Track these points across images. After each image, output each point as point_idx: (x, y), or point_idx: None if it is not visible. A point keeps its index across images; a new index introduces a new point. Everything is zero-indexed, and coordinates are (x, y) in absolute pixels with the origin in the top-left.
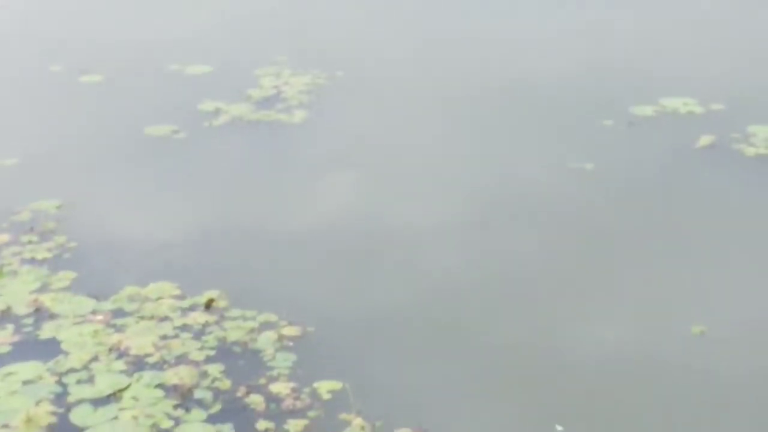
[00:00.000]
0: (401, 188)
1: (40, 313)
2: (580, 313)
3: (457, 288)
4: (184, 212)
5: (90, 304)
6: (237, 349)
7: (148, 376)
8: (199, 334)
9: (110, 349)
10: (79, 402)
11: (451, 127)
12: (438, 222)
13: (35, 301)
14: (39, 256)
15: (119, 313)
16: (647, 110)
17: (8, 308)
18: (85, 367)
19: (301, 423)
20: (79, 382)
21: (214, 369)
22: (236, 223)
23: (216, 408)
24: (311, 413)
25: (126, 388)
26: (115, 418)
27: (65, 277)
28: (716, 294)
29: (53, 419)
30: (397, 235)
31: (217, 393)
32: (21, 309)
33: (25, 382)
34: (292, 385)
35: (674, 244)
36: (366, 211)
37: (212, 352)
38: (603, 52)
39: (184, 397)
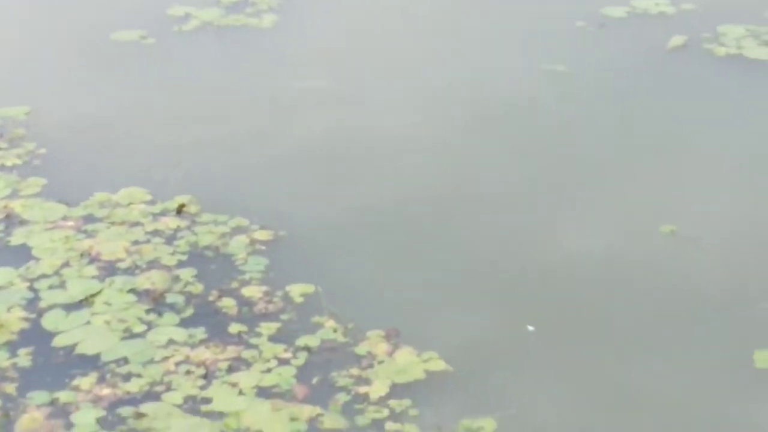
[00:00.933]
0: (373, 93)
1: (11, 220)
2: (552, 218)
3: (430, 194)
4: (154, 118)
5: (60, 210)
6: (209, 253)
7: (119, 281)
8: (170, 239)
9: (81, 255)
10: (51, 307)
11: (423, 31)
12: (412, 127)
13: (5, 207)
14: (8, 163)
15: (90, 218)
16: (619, 11)
17: None
18: (57, 273)
19: (274, 326)
20: (50, 287)
21: (186, 273)
22: (207, 129)
23: (188, 312)
24: (284, 316)
25: (98, 294)
26: (88, 323)
27: (35, 183)
28: (686, 194)
29: (25, 324)
30: (369, 141)
31: (189, 297)
32: None
33: None
34: (264, 288)
35: (644, 144)
36: (338, 115)
37: (184, 257)
38: None
39: (156, 302)
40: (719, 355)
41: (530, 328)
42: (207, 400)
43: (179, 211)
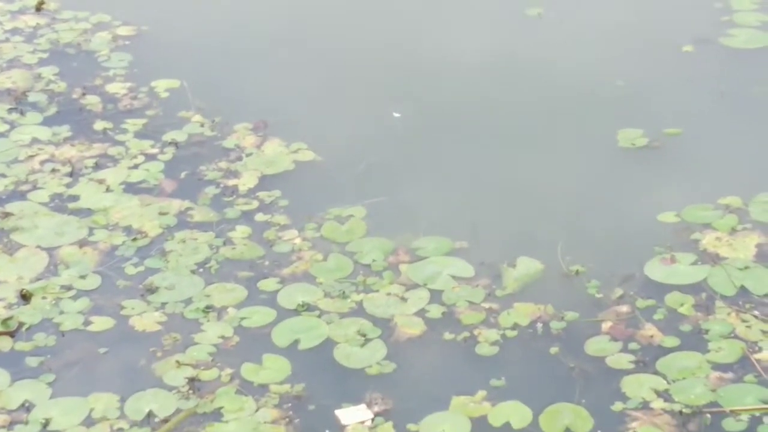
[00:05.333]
0: None
1: None
2: (420, 20)
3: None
4: None
5: None
6: (71, 50)
7: None
8: (30, 37)
9: None
10: None
11: None
12: None
13: None
14: None
15: None
16: None
17: None
18: None
19: (140, 122)
20: None
21: (48, 72)
22: None
23: (52, 110)
24: (149, 112)
25: None
26: None
27: None
28: None
29: None
30: None
31: (52, 95)
32: None
33: None
34: (128, 84)
35: None
36: None
37: (45, 55)
38: None
39: (18, 101)
40: (587, 138)
41: (396, 114)
42: (74, 198)
43: (38, 8)
